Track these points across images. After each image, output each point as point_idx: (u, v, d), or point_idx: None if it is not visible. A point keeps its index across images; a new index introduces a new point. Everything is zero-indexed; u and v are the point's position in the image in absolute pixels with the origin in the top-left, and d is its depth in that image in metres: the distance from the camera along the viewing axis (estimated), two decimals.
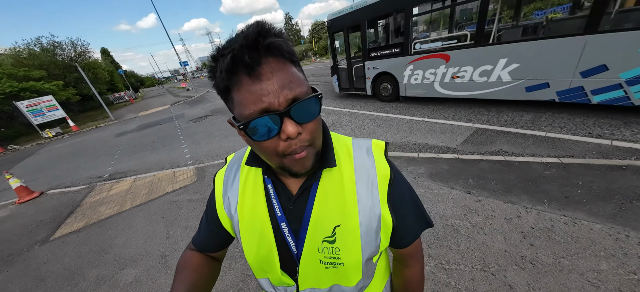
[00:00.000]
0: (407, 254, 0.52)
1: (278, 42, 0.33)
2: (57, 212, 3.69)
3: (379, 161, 0.47)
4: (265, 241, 0.48)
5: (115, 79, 32.24)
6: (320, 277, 0.48)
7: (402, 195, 0.47)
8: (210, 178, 3.59)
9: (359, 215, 0.44)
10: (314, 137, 0.39)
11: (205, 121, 8.03)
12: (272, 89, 0.33)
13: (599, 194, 1.91)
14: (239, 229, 0.51)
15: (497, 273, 1.51)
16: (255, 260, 0.50)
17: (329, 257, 0.46)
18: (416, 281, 0.57)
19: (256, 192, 0.50)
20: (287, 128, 0.34)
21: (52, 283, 2.21)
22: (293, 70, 0.35)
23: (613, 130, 2.73)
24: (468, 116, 3.89)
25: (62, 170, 6.20)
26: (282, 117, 0.34)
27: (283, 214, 0.47)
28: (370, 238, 0.45)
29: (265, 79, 0.32)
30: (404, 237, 0.49)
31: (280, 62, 0.34)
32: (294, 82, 0.34)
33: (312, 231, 0.46)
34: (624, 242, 1.52)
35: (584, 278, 1.38)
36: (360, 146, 0.49)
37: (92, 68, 22.54)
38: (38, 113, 13.14)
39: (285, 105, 0.34)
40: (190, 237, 2.39)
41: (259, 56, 0.32)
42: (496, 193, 2.15)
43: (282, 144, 0.36)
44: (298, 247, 0.47)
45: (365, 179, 0.46)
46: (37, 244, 2.90)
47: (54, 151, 9.25)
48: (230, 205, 0.52)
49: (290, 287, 0.50)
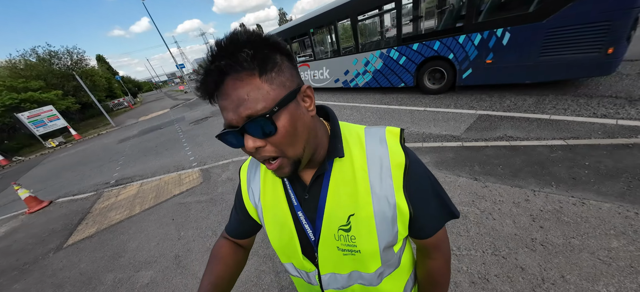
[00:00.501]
0: (430, 245, 0.51)
1: (241, 58, 0.34)
2: (67, 220, 3.74)
3: (392, 148, 0.46)
4: (286, 229, 0.51)
5: (113, 86, 32.20)
6: (339, 263, 0.49)
7: (420, 183, 0.46)
8: (216, 179, 3.62)
9: (373, 204, 0.44)
10: (283, 148, 0.38)
11: (205, 123, 8.04)
12: (230, 107, 0.36)
13: (607, 173, 1.91)
14: (263, 218, 0.55)
15: (508, 256, 1.53)
16: (279, 246, 0.53)
17: (345, 245, 0.47)
18: (440, 273, 0.55)
19: (275, 183, 0.53)
20: (246, 143, 0.38)
21: (70, 288, 2.26)
22: (254, 85, 0.35)
23: (617, 109, 2.72)
24: (470, 103, 3.87)
25: (68, 178, 6.26)
26: (241, 132, 0.37)
27: (299, 204, 0.50)
28: (387, 227, 0.45)
29: (225, 98, 0.36)
30: (424, 228, 0.48)
31: (239, 79, 0.35)
32: (252, 99, 0.35)
33: (327, 220, 0.47)
34: (634, 219, 1.53)
35: (595, 257, 1.39)
36: (372, 134, 0.48)
37: (89, 76, 22.53)
38: (39, 123, 13.19)
39: (242, 122, 0.36)
40: (202, 238, 2.44)
41: (220, 78, 0.35)
42: (503, 178, 2.16)
43: (252, 154, 0.40)
44: (315, 234, 0.49)
45: (377, 168, 0.45)
46: (52, 252, 2.96)
47: (59, 160, 9.32)
48: (254, 195, 0.56)
49: (312, 272, 0.53)
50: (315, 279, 0.53)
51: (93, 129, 15.79)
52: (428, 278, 0.57)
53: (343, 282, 0.51)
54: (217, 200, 3.06)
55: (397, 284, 0.55)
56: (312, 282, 0.54)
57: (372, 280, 0.50)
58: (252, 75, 0.35)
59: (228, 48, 0.34)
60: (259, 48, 0.35)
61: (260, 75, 0.36)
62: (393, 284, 0.54)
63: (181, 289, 1.94)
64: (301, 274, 0.55)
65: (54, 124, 13.66)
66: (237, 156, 4.39)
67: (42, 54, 20.23)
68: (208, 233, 2.49)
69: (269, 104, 0.36)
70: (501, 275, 1.44)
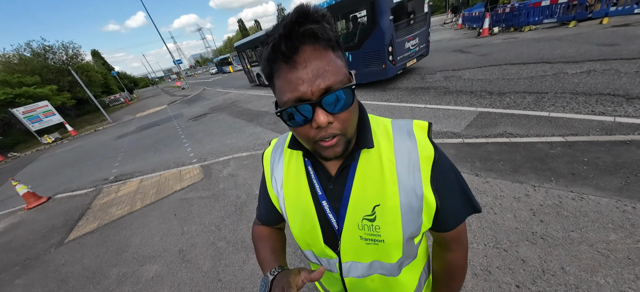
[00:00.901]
0: (451, 238, 0.52)
1: (314, 29, 0.33)
2: (68, 215, 3.72)
3: (421, 141, 0.46)
4: (308, 218, 0.52)
5: (109, 81, 31.76)
6: (361, 252, 0.50)
7: (447, 177, 0.47)
8: (217, 175, 3.63)
9: (400, 195, 0.45)
10: (346, 126, 0.39)
11: (204, 119, 7.99)
12: (306, 77, 0.34)
13: (605, 169, 1.96)
14: (284, 206, 0.55)
15: (509, 249, 1.57)
16: (300, 234, 0.54)
17: (369, 234, 0.47)
18: (459, 266, 0.56)
19: (298, 173, 0.53)
20: (318, 117, 0.36)
21: (74, 283, 2.27)
22: (330, 58, 0.35)
23: (615, 107, 2.76)
24: (470, 101, 3.90)
25: (66, 175, 6.21)
26: (314, 106, 0.35)
27: (323, 193, 0.50)
28: (412, 218, 0.46)
29: (301, 68, 0.34)
30: (447, 221, 0.48)
31: (317, 49, 0.34)
32: (329, 71, 0.35)
33: (351, 210, 0.48)
34: (631, 213, 1.57)
35: (593, 249, 1.44)
36: (400, 127, 0.49)
37: (85, 71, 22.19)
38: (35, 119, 13.00)
39: (318, 94, 0.35)
40: (206, 233, 2.46)
41: (296, 45, 0.33)
42: (504, 174, 2.20)
43: (313, 131, 0.38)
44: (339, 223, 0.49)
45: (406, 160, 0.45)
46: (53, 247, 2.95)
47: (56, 156, 9.22)
48: (277, 183, 0.57)
49: (333, 260, 0.53)
50: (335, 267, 0.54)
51: (89, 125, 15.60)
52: (446, 270, 0.58)
53: (363, 271, 0.52)
54: (220, 196, 3.07)
55: (413, 274, 0.56)
56: (333, 269, 0.55)
57: (392, 270, 0.51)
58: (328, 48, 0.35)
59: (313, 15, 0.34)
60: (332, 23, 0.36)
61: (334, 50, 0.36)
62: (410, 275, 0.55)
63: (187, 282, 1.95)
64: (321, 262, 0.56)
65: (49, 120, 13.47)
66: (238, 152, 4.39)
67: (36, 49, 19.86)
68: (211, 228, 2.51)
69: (345, 79, 0.37)
70: (503, 267, 1.48)
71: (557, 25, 7.47)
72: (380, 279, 0.53)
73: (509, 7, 8.64)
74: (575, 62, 4.25)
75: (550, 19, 7.65)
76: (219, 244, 2.27)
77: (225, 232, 2.40)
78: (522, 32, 7.91)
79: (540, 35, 6.84)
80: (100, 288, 2.12)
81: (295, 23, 0.33)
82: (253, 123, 6.00)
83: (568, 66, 4.18)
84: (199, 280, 1.95)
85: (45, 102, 13.60)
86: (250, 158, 3.91)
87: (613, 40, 4.83)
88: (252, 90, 11.29)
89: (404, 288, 0.55)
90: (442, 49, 8.58)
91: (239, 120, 6.62)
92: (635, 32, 5.00)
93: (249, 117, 6.72)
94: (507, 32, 8.63)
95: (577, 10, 7.01)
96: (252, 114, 6.97)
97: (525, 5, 8.19)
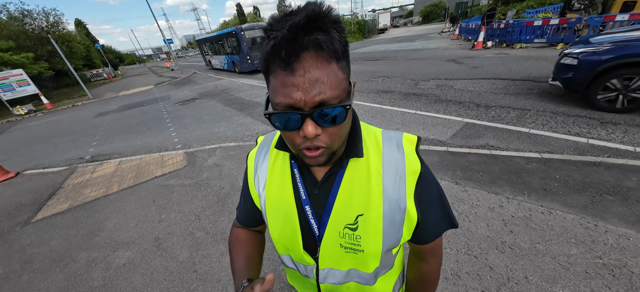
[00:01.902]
0: (427, 250, 0.53)
1: (320, 40, 0.31)
2: (37, 193, 3.51)
3: (409, 155, 0.47)
4: (289, 221, 0.51)
5: (92, 54, 29.93)
6: (339, 259, 0.50)
7: (430, 192, 0.48)
8: (202, 164, 3.53)
9: (383, 207, 0.45)
10: (333, 140, 0.38)
11: (193, 105, 7.74)
12: (302, 86, 0.32)
13: (574, 187, 2.08)
14: (265, 207, 0.54)
15: (479, 256, 1.64)
16: (279, 238, 0.53)
17: (349, 243, 0.47)
18: (432, 276, 0.58)
19: (283, 174, 0.52)
20: (307, 128, 0.35)
21: (39, 265, 2.15)
22: (331, 69, 0.33)
23: (590, 129, 2.93)
24: (458, 111, 4.01)
25: (38, 150, 5.84)
26: (304, 117, 0.34)
27: (307, 198, 0.49)
28: (393, 230, 0.46)
29: (299, 75, 0.32)
30: (425, 234, 0.49)
31: (320, 59, 0.32)
32: (327, 84, 0.33)
33: (334, 217, 0.47)
34: (593, 230, 1.68)
35: (556, 261, 1.53)
36: (390, 138, 0.49)
37: (66, 41, 20.75)
38: (7, 88, 12.06)
39: (311, 106, 0.33)
40: (184, 222, 2.40)
41: (298, 50, 0.31)
42: (482, 184, 2.28)
43: (299, 139, 0.37)
44: (320, 230, 0.49)
45: (393, 172, 0.45)
46: (19, 226, 2.78)
47: (28, 129, 8.63)
48: (259, 184, 0.55)
49: (310, 266, 0.53)
50: (312, 273, 0.53)
51: (67, 99, 14.69)
52: (421, 279, 0.59)
53: (340, 278, 0.52)
54: (202, 185, 2.99)
55: (388, 283, 0.57)
56: (309, 275, 0.54)
57: (369, 279, 0.52)
58: (332, 59, 0.33)
59: (323, 21, 0.31)
60: (342, 31, 0.34)
61: (338, 61, 0.34)
62: (385, 283, 0.56)
63: (161, 271, 1.90)
64: (298, 267, 0.55)
65: (23, 90, 12.53)
66: (225, 142, 4.29)
67: (14, 12, 18.33)
68: (191, 218, 2.45)
69: (342, 94, 0.35)
70: (472, 273, 1.55)
71: (546, 46, 7.79)
72: (356, 287, 0.53)
73: (504, 23, 8.90)
74: None
75: (541, 39, 7.95)
76: (198, 234, 2.22)
77: (205, 223, 2.35)
78: (513, 49, 8.20)
79: (530, 54, 7.12)
80: (67, 272, 2.03)
81: (302, 28, 0.30)
82: (243, 113, 5.88)
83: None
84: (174, 269, 1.90)
85: (20, 70, 12.60)
86: (238, 149, 3.83)
87: None
88: (245, 79, 11.04)
89: None
90: (437, 58, 8.74)
91: (229, 109, 6.46)
92: None
93: (239, 106, 6.57)
94: (500, 47, 8.91)
95: (566, 33, 7.34)
96: (243, 103, 6.82)
97: (519, 23, 8.47)
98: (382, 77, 7.13)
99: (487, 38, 9.33)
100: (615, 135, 2.73)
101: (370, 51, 13.87)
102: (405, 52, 11.18)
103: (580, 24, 7.02)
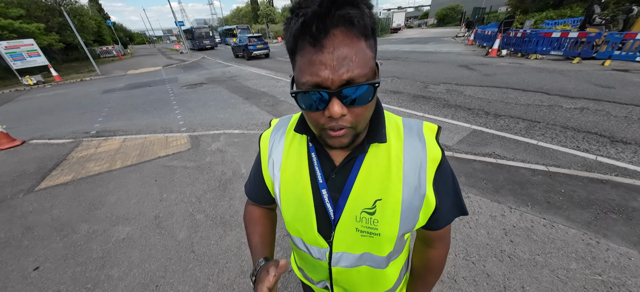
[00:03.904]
0: (437, 236, 0.54)
1: (352, 14, 0.30)
2: (41, 163, 3.56)
3: (430, 143, 0.47)
4: (304, 205, 0.51)
5: (103, 31, 29.97)
6: (354, 243, 0.50)
7: (446, 179, 0.48)
8: (206, 148, 3.55)
9: (403, 192, 0.45)
10: (358, 121, 0.38)
11: (200, 89, 7.74)
12: (330, 64, 0.32)
13: (579, 202, 2.05)
14: (279, 190, 0.54)
15: (477, 262, 1.63)
16: (292, 220, 0.53)
17: (366, 227, 0.47)
18: (438, 262, 0.58)
19: (300, 157, 0.52)
20: (333, 108, 0.34)
21: (40, 232, 2.19)
22: (360, 47, 0.33)
23: (599, 146, 2.87)
24: (467, 117, 3.95)
25: (44, 121, 5.91)
26: (331, 95, 0.34)
27: (324, 182, 0.49)
28: (410, 215, 0.46)
29: (327, 52, 0.31)
30: (438, 220, 0.50)
31: (349, 36, 0.32)
32: (356, 62, 0.32)
33: (352, 201, 0.47)
34: (594, 247, 1.66)
35: (554, 274, 1.51)
36: (411, 126, 0.49)
37: (78, 15, 20.79)
38: (18, 57, 12.17)
39: (338, 84, 0.33)
40: (185, 203, 2.42)
41: (328, 27, 0.30)
42: (485, 192, 2.26)
43: (324, 119, 0.37)
44: (336, 214, 0.49)
45: (414, 159, 0.46)
46: (22, 193, 2.83)
47: (36, 100, 8.73)
48: (274, 166, 0.54)
49: (324, 249, 0.53)
50: (325, 256, 0.53)
51: (76, 73, 14.79)
52: (427, 265, 0.60)
53: (353, 261, 0.52)
54: (205, 169, 3.01)
55: (397, 268, 0.58)
56: (322, 258, 0.54)
57: (381, 262, 0.52)
58: (361, 37, 0.33)
59: None
60: (372, 7, 0.33)
61: (366, 38, 0.33)
62: (395, 268, 0.57)
63: (159, 248, 1.93)
64: (310, 250, 0.55)
65: (33, 60, 12.63)
66: (230, 128, 4.29)
67: None
68: (192, 200, 2.47)
69: (370, 73, 0.35)
70: (468, 278, 1.54)
71: (562, 59, 7.60)
72: (367, 271, 0.53)
73: (521, 32, 8.68)
74: (572, 98, 4.36)
75: (557, 51, 7.76)
76: (198, 216, 2.24)
77: (205, 206, 2.36)
78: (528, 59, 8.02)
79: (544, 66, 6.96)
80: (67, 241, 2.06)
81: (333, 3, 0.30)
82: (249, 101, 5.87)
83: (564, 100, 4.29)
84: (172, 248, 1.92)
85: (31, 40, 12.68)
86: (242, 137, 3.83)
87: (610, 83, 4.97)
88: (253, 68, 10.99)
89: (387, 280, 0.57)
90: (449, 62, 8.60)
91: (235, 96, 6.45)
92: (632, 79, 5.16)
93: (246, 94, 6.55)
94: (514, 56, 8.72)
95: (584, 47, 7.14)
96: (249, 91, 6.80)
97: (536, 34, 8.26)
98: (392, 77, 7.04)
99: (502, 46, 9.12)
100: (625, 155, 2.67)
101: (381, 50, 13.69)
102: (417, 54, 11.01)
103: (600, 39, 6.83)
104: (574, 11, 12.02)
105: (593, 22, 7.84)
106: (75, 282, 1.71)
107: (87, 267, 1.82)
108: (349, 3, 0.31)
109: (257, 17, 54.64)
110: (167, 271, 1.75)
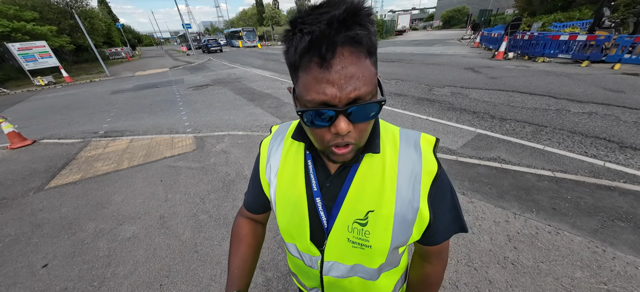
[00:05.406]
0: (434, 252, 0.52)
1: (361, 35, 0.31)
2: (51, 162, 3.66)
3: (426, 155, 0.46)
4: (298, 211, 0.51)
5: (112, 33, 30.69)
6: (345, 253, 0.50)
7: (444, 194, 0.47)
8: (210, 149, 3.59)
9: (396, 205, 0.44)
10: (362, 136, 0.39)
11: (206, 90, 7.85)
12: (338, 82, 0.32)
13: (585, 209, 2.01)
14: (275, 195, 0.54)
15: (479, 269, 1.61)
16: (287, 226, 0.54)
17: (357, 238, 0.47)
18: (436, 279, 0.57)
19: (296, 164, 0.52)
20: (339, 125, 0.34)
21: (49, 230, 2.25)
22: (365, 65, 0.33)
23: (608, 152, 2.81)
24: (472, 121, 3.92)
25: (55, 120, 6.07)
26: (338, 113, 0.34)
27: (319, 190, 0.49)
28: (403, 229, 0.46)
29: (335, 71, 0.31)
30: (434, 236, 0.49)
31: (356, 54, 0.32)
32: (362, 80, 0.33)
33: (344, 211, 0.47)
34: (601, 255, 1.63)
35: (558, 282, 1.49)
36: (408, 137, 0.49)
37: (88, 17, 21.36)
38: (30, 58, 12.55)
39: (346, 103, 0.33)
40: (189, 203, 2.46)
41: (336, 47, 0.30)
42: (489, 197, 2.23)
43: (329, 136, 0.37)
44: (329, 222, 0.49)
45: (408, 172, 0.45)
46: (32, 191, 2.91)
47: (46, 100, 8.98)
48: (271, 171, 0.55)
49: (316, 257, 0.53)
50: (317, 264, 0.54)
51: (86, 74, 15.17)
52: (424, 281, 0.59)
53: (344, 272, 0.52)
54: (209, 170, 3.05)
55: (391, 280, 0.57)
56: (313, 266, 0.55)
57: (373, 275, 0.52)
58: (366, 55, 0.33)
59: (362, 14, 0.31)
60: (374, 24, 0.33)
61: (370, 56, 0.34)
62: (388, 280, 0.56)
63: (164, 248, 1.96)
64: (303, 257, 0.55)
65: (45, 62, 13.02)
66: (234, 130, 4.34)
67: None
68: (196, 200, 2.50)
69: (374, 90, 0.35)
70: (470, 284, 1.52)
71: (570, 62, 7.47)
72: (359, 282, 0.53)
73: (528, 35, 8.57)
74: (580, 102, 4.28)
75: (565, 54, 7.63)
76: (201, 216, 2.27)
77: (209, 207, 2.40)
78: (535, 62, 7.91)
79: (552, 69, 6.85)
80: (75, 239, 2.12)
81: (342, 24, 0.30)
82: (254, 103, 5.93)
83: (572, 104, 4.22)
84: (176, 248, 1.95)
85: (43, 42, 13.09)
86: (246, 138, 3.87)
87: (620, 87, 4.86)
88: (258, 70, 11.10)
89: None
90: (454, 64, 8.54)
91: (240, 98, 6.52)
92: None
93: (250, 96, 6.62)
94: (521, 59, 8.61)
95: (593, 50, 7.01)
96: (254, 93, 6.87)
97: (544, 36, 8.14)
98: (396, 79, 7.02)
99: (508, 48, 9.02)
100: (634, 161, 2.61)
101: (386, 52, 13.67)
102: (422, 56, 10.96)
103: (609, 42, 6.70)
104: (583, 14, 11.83)
105: (602, 25, 7.69)
106: (82, 279, 1.75)
107: (94, 265, 1.86)
108: (357, 23, 0.31)
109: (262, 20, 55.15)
110: (171, 270, 1.78)
